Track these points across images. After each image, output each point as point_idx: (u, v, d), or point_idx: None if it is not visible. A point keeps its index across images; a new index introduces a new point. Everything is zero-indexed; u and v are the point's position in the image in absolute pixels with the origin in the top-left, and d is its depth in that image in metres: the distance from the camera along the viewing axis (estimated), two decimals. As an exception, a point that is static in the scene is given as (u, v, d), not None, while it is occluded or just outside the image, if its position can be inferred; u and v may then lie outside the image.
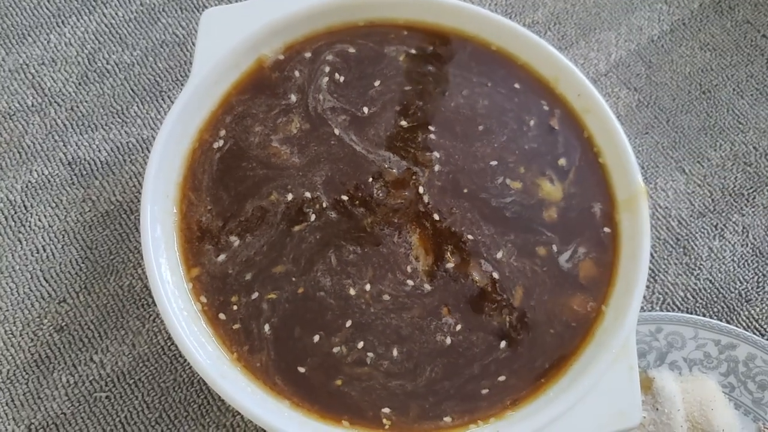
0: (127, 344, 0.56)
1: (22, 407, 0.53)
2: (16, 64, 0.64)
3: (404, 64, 0.56)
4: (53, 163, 0.61)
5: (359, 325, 0.48)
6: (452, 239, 0.50)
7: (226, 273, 0.49)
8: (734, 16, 0.73)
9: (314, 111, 0.54)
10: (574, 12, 0.72)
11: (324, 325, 0.48)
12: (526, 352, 0.48)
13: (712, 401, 0.56)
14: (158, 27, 0.67)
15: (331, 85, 0.55)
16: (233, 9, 0.55)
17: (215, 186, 0.51)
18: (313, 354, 0.47)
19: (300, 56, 0.56)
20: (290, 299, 0.48)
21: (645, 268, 0.49)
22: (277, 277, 0.49)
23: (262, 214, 0.50)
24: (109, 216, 0.60)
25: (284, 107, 0.54)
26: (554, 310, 0.49)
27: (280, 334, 0.47)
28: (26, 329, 0.56)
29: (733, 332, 0.58)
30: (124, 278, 0.58)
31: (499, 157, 0.54)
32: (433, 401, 0.46)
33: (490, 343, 0.48)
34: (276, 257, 0.49)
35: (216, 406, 0.55)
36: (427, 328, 0.48)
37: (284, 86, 0.55)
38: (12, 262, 0.57)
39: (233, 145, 0.52)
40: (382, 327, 0.48)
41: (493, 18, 0.56)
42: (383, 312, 0.48)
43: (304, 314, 0.48)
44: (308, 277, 0.49)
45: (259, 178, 0.51)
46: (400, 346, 0.47)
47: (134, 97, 0.64)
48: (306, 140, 0.53)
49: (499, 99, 0.55)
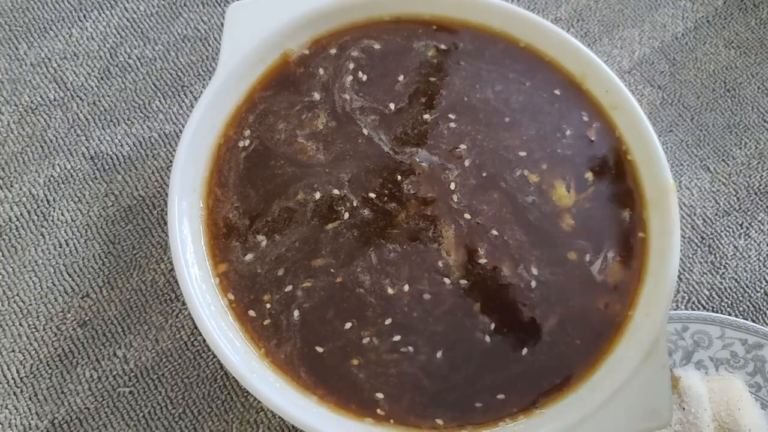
0: (151, 339, 0.55)
1: (46, 402, 0.53)
2: (38, 58, 0.64)
3: (433, 59, 0.56)
4: (75, 157, 0.61)
5: (399, 325, 0.47)
6: (483, 237, 0.50)
7: (254, 272, 0.48)
8: (759, 14, 0.73)
9: (341, 109, 0.53)
10: (597, 8, 0.71)
11: (360, 317, 0.47)
12: (557, 349, 0.48)
13: (739, 401, 0.55)
14: (180, 21, 0.67)
15: (355, 84, 0.54)
16: (259, 3, 0.55)
17: (242, 183, 0.51)
18: (338, 339, 0.47)
19: (325, 52, 0.56)
20: (326, 288, 0.48)
21: (676, 264, 0.49)
22: (315, 268, 0.48)
23: (289, 215, 0.50)
24: (132, 211, 0.59)
25: (307, 104, 0.54)
26: (584, 310, 0.49)
27: (309, 318, 0.47)
28: (49, 324, 0.55)
29: (760, 331, 0.57)
30: (147, 273, 0.57)
31: (529, 149, 0.53)
32: (469, 393, 0.46)
33: (522, 341, 0.48)
34: (312, 251, 0.49)
35: (240, 402, 0.54)
36: (463, 326, 0.48)
37: (309, 83, 0.54)
38: (35, 256, 0.57)
39: (259, 144, 0.52)
40: (423, 326, 0.47)
41: (521, 13, 0.56)
42: (425, 313, 0.48)
43: (340, 303, 0.48)
44: (348, 270, 0.48)
45: (287, 177, 0.51)
46: (441, 347, 0.47)
47: (156, 91, 0.64)
48: (332, 137, 0.53)
49: (538, 100, 0.55)
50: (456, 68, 0.56)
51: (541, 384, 0.47)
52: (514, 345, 0.47)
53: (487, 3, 0.56)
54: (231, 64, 0.52)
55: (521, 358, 0.47)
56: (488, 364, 0.47)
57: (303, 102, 0.54)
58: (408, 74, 0.55)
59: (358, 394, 0.46)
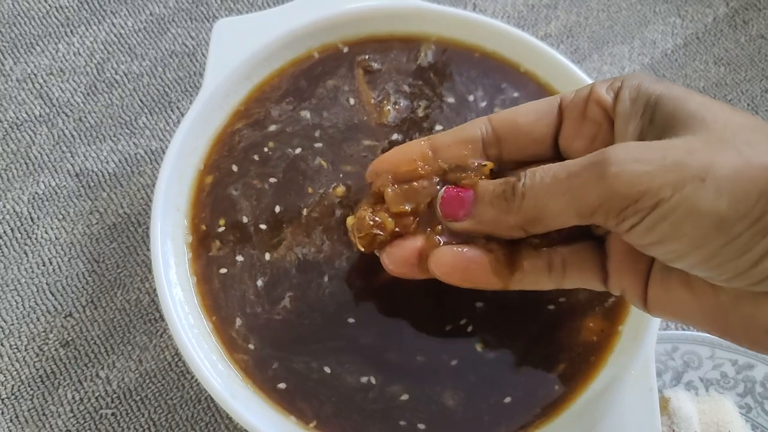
0: (134, 360, 0.55)
1: (27, 424, 0.52)
2: (24, 73, 0.63)
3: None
4: (60, 174, 0.60)
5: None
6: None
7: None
8: (748, 31, 0.73)
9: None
10: (587, 25, 0.71)
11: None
12: (541, 374, 0.47)
13: (729, 422, 0.55)
14: (167, 37, 0.66)
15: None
16: (246, 20, 0.55)
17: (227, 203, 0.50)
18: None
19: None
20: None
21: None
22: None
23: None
24: (117, 229, 0.59)
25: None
26: (569, 334, 0.48)
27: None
28: (31, 344, 0.55)
29: (750, 352, 0.57)
30: (131, 292, 0.57)
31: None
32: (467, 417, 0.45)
33: (507, 364, 0.47)
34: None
35: (224, 425, 0.53)
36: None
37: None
38: (18, 275, 0.56)
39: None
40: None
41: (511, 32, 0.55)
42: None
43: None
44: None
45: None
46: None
47: (143, 107, 0.63)
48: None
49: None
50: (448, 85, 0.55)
51: (522, 410, 0.46)
52: (499, 369, 0.47)
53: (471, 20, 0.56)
54: (216, 82, 0.52)
55: (502, 382, 0.47)
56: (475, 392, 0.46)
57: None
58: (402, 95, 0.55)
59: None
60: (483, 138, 0.40)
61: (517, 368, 0.47)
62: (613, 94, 0.36)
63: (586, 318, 0.49)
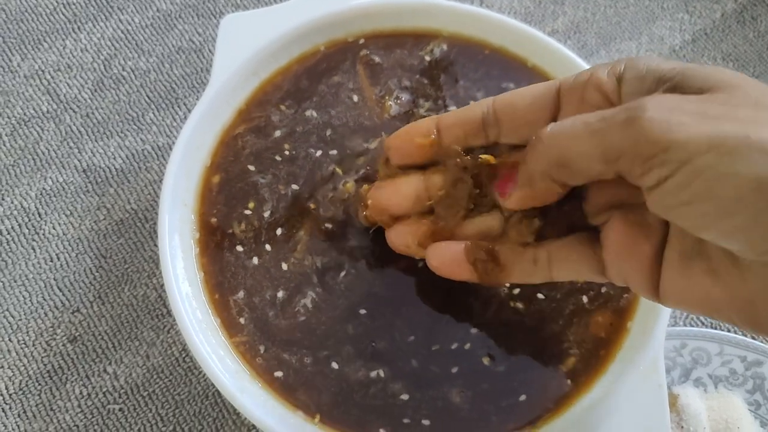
0: (141, 355, 0.55)
1: (35, 419, 0.52)
2: (31, 70, 0.64)
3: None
4: (68, 170, 0.60)
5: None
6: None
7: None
8: (757, 27, 0.72)
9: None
10: (594, 21, 0.71)
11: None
12: (550, 371, 0.47)
13: (738, 419, 0.54)
14: (174, 33, 0.66)
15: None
16: (253, 16, 0.55)
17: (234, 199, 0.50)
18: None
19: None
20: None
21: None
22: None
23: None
24: (124, 224, 0.59)
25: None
26: (578, 331, 0.48)
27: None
28: (39, 339, 0.55)
29: (759, 348, 0.56)
30: (138, 288, 0.57)
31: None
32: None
33: (516, 364, 0.47)
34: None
35: (231, 420, 0.53)
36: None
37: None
38: (25, 270, 0.57)
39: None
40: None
41: (519, 27, 0.55)
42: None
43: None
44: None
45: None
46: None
47: (150, 103, 0.63)
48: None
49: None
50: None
51: (530, 405, 0.46)
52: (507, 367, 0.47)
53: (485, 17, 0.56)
54: (223, 78, 0.51)
55: (511, 379, 0.46)
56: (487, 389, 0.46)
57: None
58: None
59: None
60: (484, 118, 0.40)
61: (525, 365, 0.47)
62: (615, 78, 0.35)
63: (595, 313, 0.48)
